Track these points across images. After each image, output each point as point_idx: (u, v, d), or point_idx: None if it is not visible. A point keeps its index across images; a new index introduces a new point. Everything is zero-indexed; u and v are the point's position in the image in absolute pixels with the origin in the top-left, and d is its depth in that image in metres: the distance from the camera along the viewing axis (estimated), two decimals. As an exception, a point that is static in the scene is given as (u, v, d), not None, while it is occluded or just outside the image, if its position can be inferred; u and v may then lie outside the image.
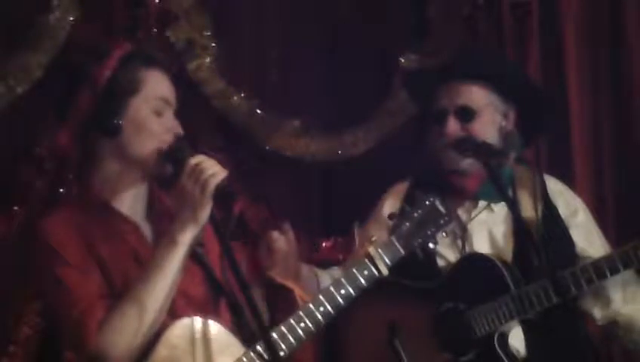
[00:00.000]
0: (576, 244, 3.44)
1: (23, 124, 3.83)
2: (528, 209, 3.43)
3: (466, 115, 3.41)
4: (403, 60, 4.29)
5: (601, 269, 3.29)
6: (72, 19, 3.81)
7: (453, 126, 3.40)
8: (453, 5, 4.35)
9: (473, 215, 3.47)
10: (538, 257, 3.26)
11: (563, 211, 3.48)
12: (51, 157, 3.77)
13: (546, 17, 4.35)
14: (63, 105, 2.79)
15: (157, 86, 2.79)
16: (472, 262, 3.39)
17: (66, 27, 3.81)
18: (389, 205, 3.52)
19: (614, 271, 3.29)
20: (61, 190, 3.75)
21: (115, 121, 2.71)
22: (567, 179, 4.26)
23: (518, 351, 3.33)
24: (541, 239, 3.33)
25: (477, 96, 3.43)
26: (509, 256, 3.42)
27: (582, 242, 3.47)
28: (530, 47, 4.33)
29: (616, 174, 4.29)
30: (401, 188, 3.58)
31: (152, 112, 2.75)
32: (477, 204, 3.48)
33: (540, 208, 3.38)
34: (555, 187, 3.55)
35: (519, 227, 3.34)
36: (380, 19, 4.35)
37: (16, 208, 3.76)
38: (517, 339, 3.35)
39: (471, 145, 3.36)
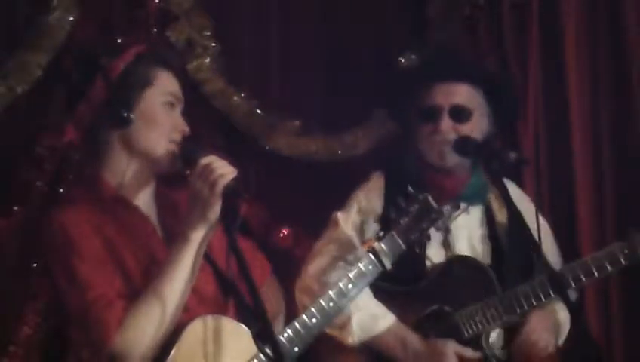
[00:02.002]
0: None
1: (23, 124, 3.83)
2: (497, 212, 3.46)
3: (462, 114, 3.42)
4: (403, 60, 4.30)
5: (602, 265, 3.33)
6: (71, 19, 3.81)
7: (447, 124, 3.40)
8: (453, 5, 4.35)
9: (454, 216, 3.46)
10: (539, 259, 3.29)
11: (525, 215, 3.49)
12: (51, 157, 3.77)
13: (546, 17, 4.35)
14: (74, 95, 2.83)
15: (168, 82, 2.85)
16: (458, 264, 3.41)
17: (65, 27, 3.81)
18: (371, 202, 3.51)
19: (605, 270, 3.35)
20: (61, 190, 3.75)
21: (127, 112, 2.75)
22: (567, 179, 4.28)
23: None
24: (512, 242, 3.37)
25: (471, 97, 3.45)
26: (486, 259, 3.44)
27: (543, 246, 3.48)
28: (530, 47, 4.33)
29: (617, 175, 4.29)
30: (377, 182, 3.55)
31: (164, 105, 2.81)
32: (457, 206, 3.48)
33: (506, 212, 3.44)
34: (516, 192, 3.54)
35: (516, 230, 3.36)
36: (379, 19, 4.35)
37: (16, 208, 3.76)
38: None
39: (473, 146, 3.37)
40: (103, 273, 2.66)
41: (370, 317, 3.31)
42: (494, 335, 3.36)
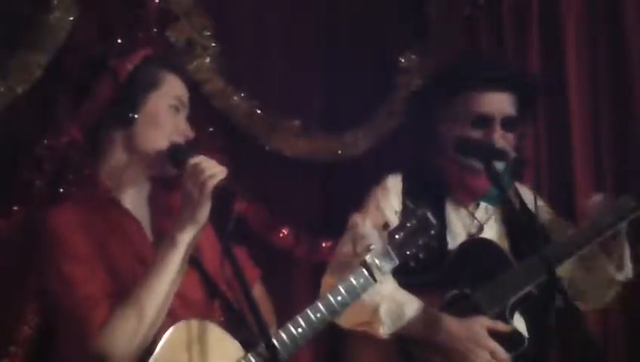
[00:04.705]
0: None
1: (22, 124, 3.83)
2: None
3: (512, 125, 3.48)
4: (403, 60, 4.30)
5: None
6: (72, 19, 3.81)
7: (499, 133, 3.45)
8: (453, 5, 4.35)
9: (483, 216, 3.52)
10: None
11: (542, 218, 3.55)
12: (51, 157, 3.77)
13: (546, 17, 4.35)
14: (79, 94, 2.83)
15: (175, 86, 2.87)
16: (471, 246, 3.45)
17: (66, 27, 3.80)
18: (389, 199, 3.51)
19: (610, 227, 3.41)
20: (61, 190, 3.75)
21: (132, 112, 2.77)
22: (567, 178, 4.28)
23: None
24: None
25: (514, 105, 3.50)
26: None
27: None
28: (530, 47, 4.34)
29: (616, 174, 4.29)
30: (394, 182, 3.56)
31: (169, 108, 2.83)
32: (478, 204, 3.54)
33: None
34: (531, 197, 3.58)
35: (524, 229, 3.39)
36: (379, 19, 4.35)
37: (16, 208, 3.76)
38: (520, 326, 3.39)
39: (473, 146, 3.38)
40: (91, 273, 2.67)
41: (396, 305, 3.30)
42: (520, 326, 3.36)
